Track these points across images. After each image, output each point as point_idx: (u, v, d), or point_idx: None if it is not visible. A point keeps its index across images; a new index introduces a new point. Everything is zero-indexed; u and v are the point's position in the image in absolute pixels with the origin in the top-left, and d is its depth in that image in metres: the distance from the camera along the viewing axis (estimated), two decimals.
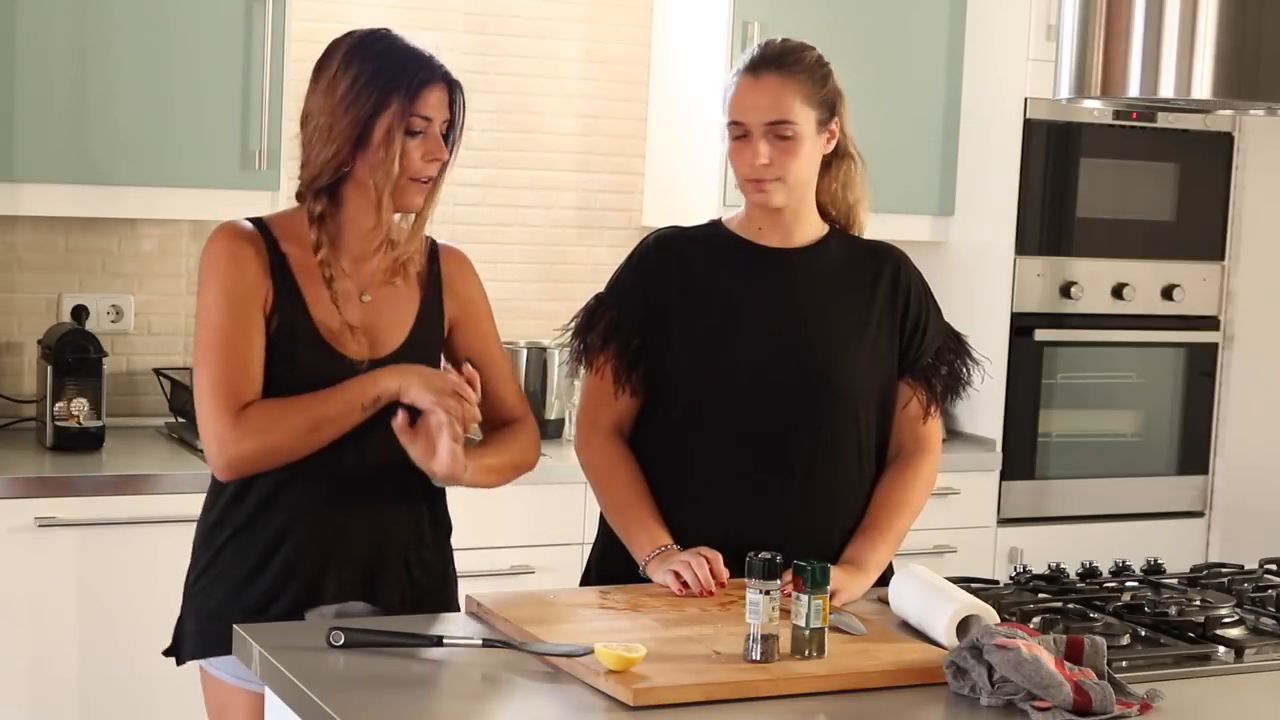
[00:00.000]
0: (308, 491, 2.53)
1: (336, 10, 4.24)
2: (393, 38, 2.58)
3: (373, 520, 2.56)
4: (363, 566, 2.56)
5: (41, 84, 3.66)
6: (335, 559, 2.54)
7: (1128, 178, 4.57)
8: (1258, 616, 2.64)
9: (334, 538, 2.54)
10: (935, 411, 2.82)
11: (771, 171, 2.68)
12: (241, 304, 2.49)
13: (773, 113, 2.66)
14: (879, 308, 2.79)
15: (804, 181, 2.73)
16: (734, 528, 2.66)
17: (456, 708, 2.14)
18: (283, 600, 2.52)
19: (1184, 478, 4.71)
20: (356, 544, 2.55)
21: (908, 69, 4.47)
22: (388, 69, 2.52)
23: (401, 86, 2.50)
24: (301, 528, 2.53)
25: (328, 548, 2.54)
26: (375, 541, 2.57)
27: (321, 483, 2.53)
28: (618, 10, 4.53)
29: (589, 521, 2.84)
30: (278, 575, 2.53)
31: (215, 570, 2.57)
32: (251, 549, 2.54)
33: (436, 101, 2.53)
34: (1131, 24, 2.51)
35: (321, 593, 2.53)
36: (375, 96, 2.50)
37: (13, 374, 4.04)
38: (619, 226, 4.57)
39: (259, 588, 2.53)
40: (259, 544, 2.54)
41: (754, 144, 2.67)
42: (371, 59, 2.53)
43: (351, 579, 2.55)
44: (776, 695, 2.16)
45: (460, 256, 2.71)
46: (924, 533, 4.00)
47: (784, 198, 2.71)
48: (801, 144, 2.68)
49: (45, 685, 3.51)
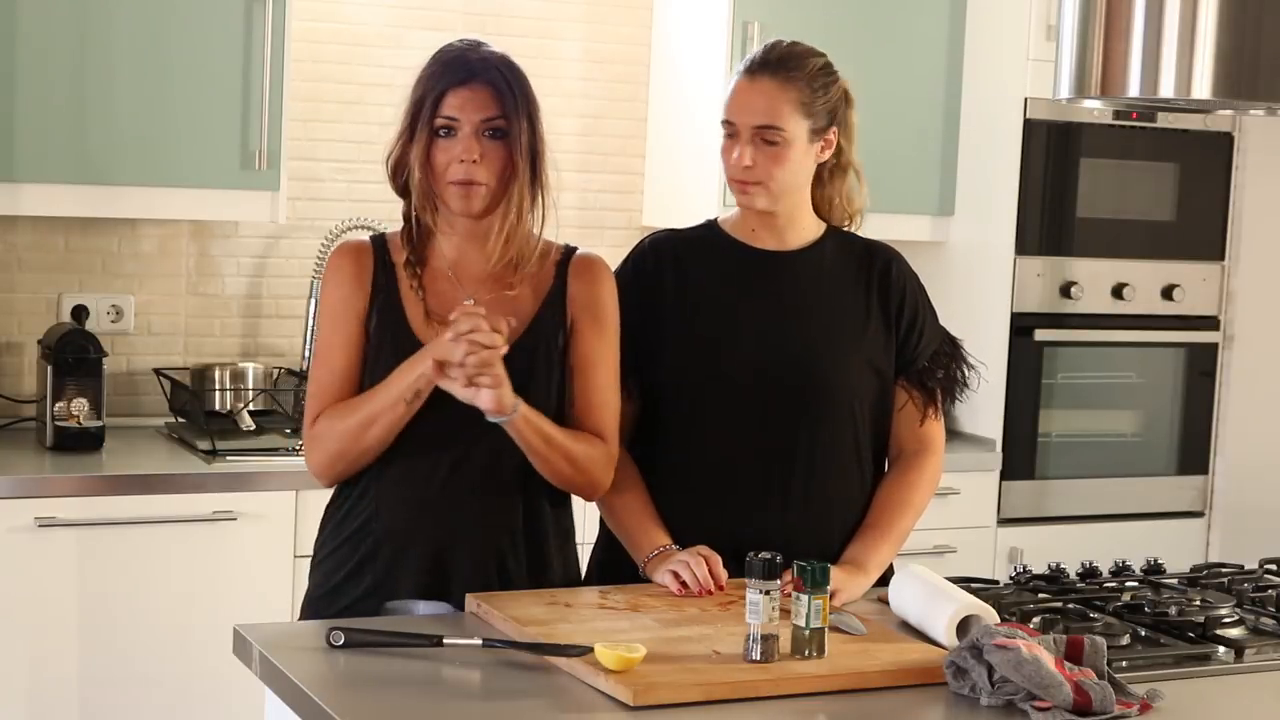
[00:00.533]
0: (393, 487, 2.56)
1: (336, 10, 4.25)
2: (462, 44, 2.58)
3: (458, 518, 2.57)
4: (438, 564, 2.56)
5: (41, 84, 3.66)
6: (410, 555, 2.55)
7: (1128, 178, 4.57)
8: (1258, 616, 2.64)
9: (411, 534, 2.56)
10: (933, 414, 2.82)
11: (754, 175, 2.67)
12: (336, 317, 2.59)
13: (762, 117, 2.66)
14: (874, 308, 2.79)
15: (791, 188, 2.72)
16: (733, 529, 2.66)
17: (456, 708, 2.14)
18: (359, 590, 2.56)
19: (1184, 478, 4.71)
20: (433, 541, 2.56)
21: (908, 69, 4.47)
22: (429, 72, 2.54)
23: (432, 88, 2.52)
24: (380, 524, 2.56)
25: (403, 543, 2.55)
26: (454, 540, 2.57)
27: (407, 479, 2.55)
28: (618, 10, 4.53)
29: (589, 522, 2.84)
30: (357, 568, 2.57)
31: (317, 558, 2.65)
32: (342, 541, 2.59)
33: (463, 103, 2.50)
34: (1131, 24, 2.51)
35: (398, 587, 2.55)
36: (416, 99, 2.53)
37: (13, 374, 4.04)
38: (619, 226, 4.57)
39: (344, 577, 2.58)
40: (346, 536, 2.59)
41: (741, 146, 2.67)
42: (428, 65, 2.55)
43: (428, 576, 2.55)
44: (776, 695, 2.16)
45: (587, 262, 2.64)
46: (924, 533, 3.98)
47: (767, 202, 2.71)
48: (788, 151, 2.67)
49: (45, 685, 3.51)
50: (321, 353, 2.60)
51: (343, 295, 2.58)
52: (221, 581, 3.60)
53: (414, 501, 2.55)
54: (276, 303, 4.26)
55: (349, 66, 4.25)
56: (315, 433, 2.57)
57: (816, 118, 2.69)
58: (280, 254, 4.25)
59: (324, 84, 4.22)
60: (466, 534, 2.56)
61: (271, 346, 4.25)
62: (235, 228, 4.19)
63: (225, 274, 4.22)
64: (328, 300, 2.61)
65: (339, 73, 4.24)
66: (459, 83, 2.51)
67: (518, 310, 2.57)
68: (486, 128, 2.51)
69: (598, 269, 2.65)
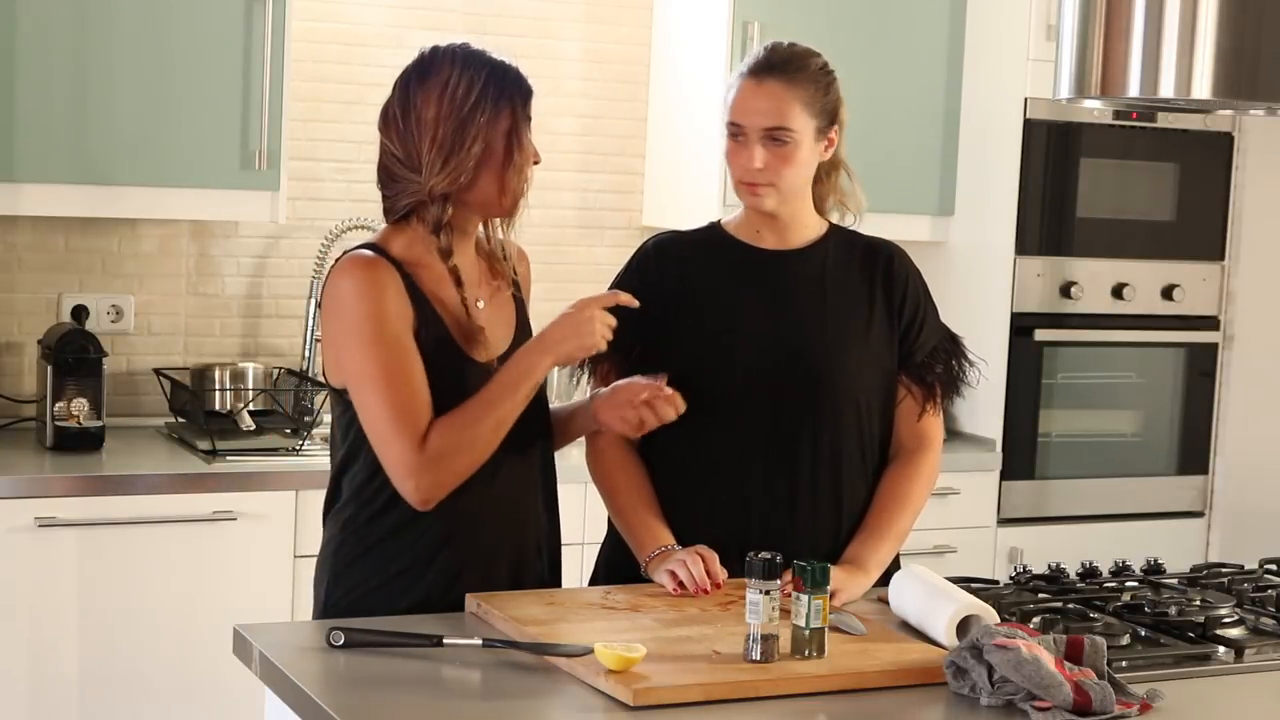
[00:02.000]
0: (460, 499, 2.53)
1: (336, 10, 4.25)
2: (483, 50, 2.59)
3: (513, 518, 2.60)
4: (506, 564, 2.58)
5: (41, 84, 3.66)
6: (476, 559, 2.56)
7: (1128, 178, 4.57)
8: (1258, 616, 2.64)
9: (476, 537, 2.56)
10: (932, 410, 2.82)
11: (765, 176, 2.68)
12: (399, 334, 2.49)
13: (772, 118, 2.66)
14: (879, 304, 2.79)
15: (799, 187, 2.73)
16: (738, 528, 2.66)
17: (456, 708, 2.14)
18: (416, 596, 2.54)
19: (1184, 478, 4.71)
20: (498, 543, 2.59)
21: (908, 69, 4.47)
22: (499, 76, 2.54)
23: (519, 93, 2.54)
24: (440, 529, 2.54)
25: (467, 548, 2.56)
26: (515, 540, 2.60)
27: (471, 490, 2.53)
28: (618, 10, 4.53)
29: (590, 522, 2.85)
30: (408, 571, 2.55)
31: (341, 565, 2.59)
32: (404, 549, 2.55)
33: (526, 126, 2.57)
34: (1131, 24, 2.51)
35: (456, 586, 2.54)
36: (500, 104, 2.52)
37: (13, 374, 4.04)
38: (619, 226, 4.57)
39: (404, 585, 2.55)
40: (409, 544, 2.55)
41: (750, 147, 2.67)
42: (483, 66, 2.54)
43: (495, 576, 2.57)
44: (776, 695, 2.16)
45: (522, 253, 2.76)
46: (924, 533, 4.00)
47: (776, 203, 2.72)
48: (798, 151, 2.68)
49: (45, 685, 3.51)
50: (393, 373, 2.47)
51: (397, 311, 2.50)
52: (221, 581, 3.60)
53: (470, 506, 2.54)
54: (276, 303, 4.26)
55: (349, 66, 4.25)
56: (436, 451, 2.45)
57: (821, 117, 2.70)
58: (280, 254, 4.25)
59: (324, 84, 4.22)
60: (520, 534, 2.61)
61: (271, 346, 4.25)
62: (235, 228, 4.19)
63: (225, 274, 4.22)
64: (381, 319, 2.48)
65: (339, 73, 4.24)
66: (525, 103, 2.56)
67: (506, 304, 2.65)
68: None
69: (525, 254, 2.77)
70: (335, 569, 2.59)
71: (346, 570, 2.57)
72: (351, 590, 2.56)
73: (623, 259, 2.87)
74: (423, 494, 2.47)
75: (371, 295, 2.48)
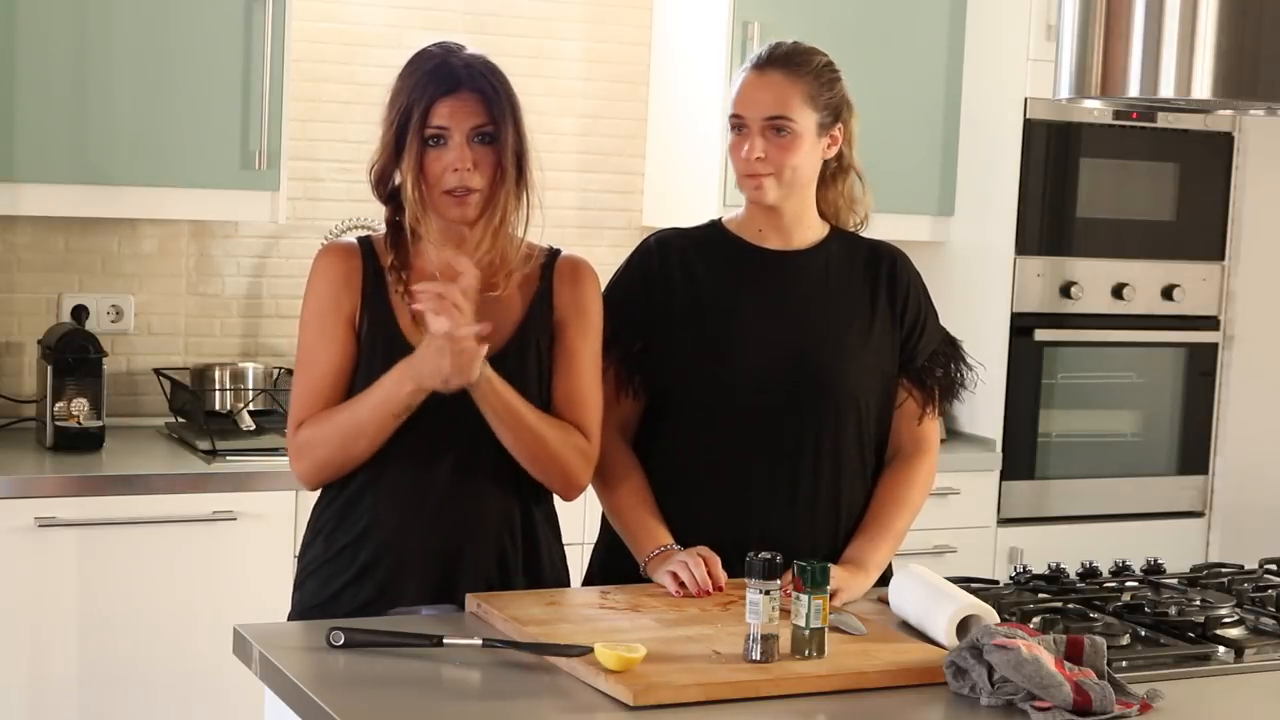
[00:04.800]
0: (392, 494, 2.55)
1: (336, 10, 4.25)
2: (441, 49, 2.56)
3: (458, 521, 2.56)
4: (443, 567, 2.56)
5: (41, 84, 3.66)
6: (415, 560, 2.55)
7: (1128, 178, 4.57)
8: (1258, 616, 2.64)
9: (415, 539, 2.55)
10: (930, 413, 2.83)
11: (766, 166, 2.68)
12: (324, 319, 2.55)
13: (772, 108, 2.67)
14: (879, 307, 2.79)
15: (801, 181, 2.73)
16: (738, 528, 2.66)
17: (456, 708, 2.14)
18: (362, 598, 2.54)
19: (1184, 478, 4.71)
20: (438, 545, 2.56)
21: (908, 69, 4.47)
22: (413, 81, 2.51)
23: (420, 98, 2.49)
24: (382, 529, 2.55)
25: (407, 549, 2.55)
26: (459, 542, 2.56)
27: (409, 485, 2.54)
28: (618, 10, 4.53)
29: (589, 522, 2.84)
30: (357, 575, 2.55)
31: (308, 569, 2.63)
32: (338, 550, 2.58)
33: (453, 111, 2.49)
34: (1131, 24, 2.51)
35: (401, 593, 2.54)
36: (402, 109, 2.50)
37: (13, 374, 4.04)
38: (619, 226, 4.57)
39: (342, 585, 2.56)
40: (344, 543, 2.57)
41: (751, 138, 2.68)
42: (409, 74, 2.53)
43: (433, 580, 2.55)
44: (776, 695, 2.16)
45: (573, 264, 2.65)
46: (924, 533, 4.00)
47: (778, 195, 2.71)
48: (799, 142, 2.68)
49: (45, 685, 3.51)
50: (306, 356, 2.57)
51: (331, 295, 2.55)
52: (221, 581, 3.60)
53: (416, 507, 2.55)
54: (276, 303, 4.26)
55: (349, 66, 4.25)
56: (300, 441, 2.55)
57: (823, 112, 2.70)
58: (280, 254, 4.25)
59: (324, 84, 4.22)
60: (470, 537, 2.57)
61: (271, 346, 4.26)
62: (235, 228, 4.19)
63: (225, 274, 4.22)
64: (314, 302, 2.57)
65: (339, 73, 4.24)
66: (447, 92, 2.49)
67: (506, 312, 2.58)
68: (475, 134, 2.51)
69: (583, 271, 2.66)
70: (301, 572, 2.65)
71: (312, 574, 2.62)
72: (314, 593, 2.59)
73: (622, 259, 2.87)
74: (297, 474, 2.59)
75: (313, 280, 2.59)
